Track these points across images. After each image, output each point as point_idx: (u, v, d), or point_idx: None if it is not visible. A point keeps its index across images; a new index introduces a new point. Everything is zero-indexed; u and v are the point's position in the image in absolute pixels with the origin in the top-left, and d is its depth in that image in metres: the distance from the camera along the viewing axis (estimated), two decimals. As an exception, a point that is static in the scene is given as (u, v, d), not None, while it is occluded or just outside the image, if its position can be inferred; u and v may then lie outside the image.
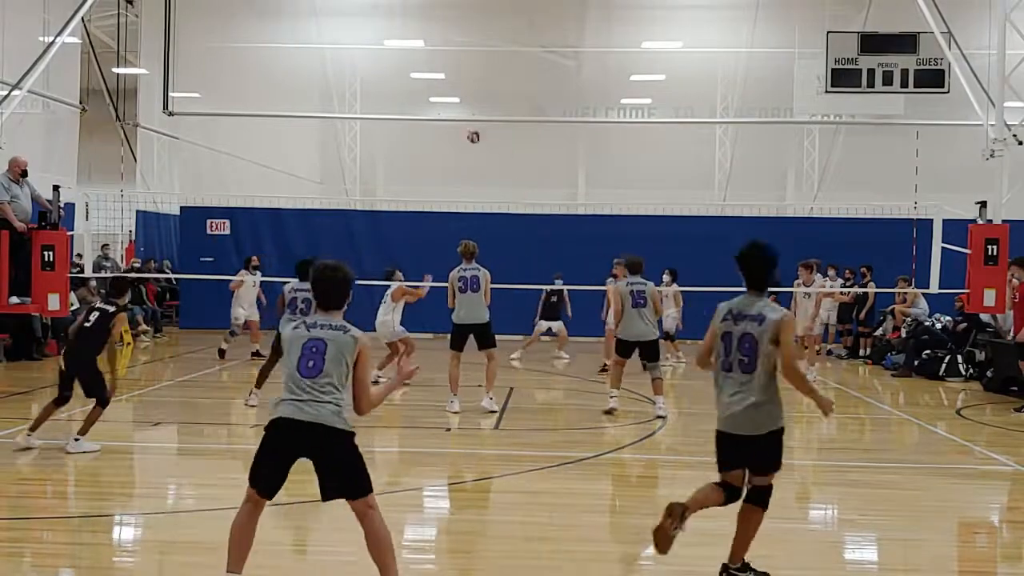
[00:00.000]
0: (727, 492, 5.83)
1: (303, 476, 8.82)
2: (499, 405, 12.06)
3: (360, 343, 5.28)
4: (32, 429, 9.24)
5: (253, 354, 17.25)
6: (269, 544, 6.56)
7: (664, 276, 17.38)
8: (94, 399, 9.21)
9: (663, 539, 5.70)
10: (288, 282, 11.90)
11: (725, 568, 5.92)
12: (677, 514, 5.71)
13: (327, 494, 5.32)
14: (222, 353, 17.25)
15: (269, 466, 5.32)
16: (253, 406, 11.84)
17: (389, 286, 14.58)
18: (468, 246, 11.91)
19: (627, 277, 12.08)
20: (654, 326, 11.82)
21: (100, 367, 9.19)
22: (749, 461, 5.75)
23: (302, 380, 5.25)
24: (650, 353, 11.77)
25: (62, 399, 9.26)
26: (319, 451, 5.26)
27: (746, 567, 5.90)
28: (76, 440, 9.13)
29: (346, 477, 5.29)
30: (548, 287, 18.21)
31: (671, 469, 9.56)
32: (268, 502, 5.38)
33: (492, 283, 11.96)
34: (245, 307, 18.00)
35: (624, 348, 11.88)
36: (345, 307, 5.42)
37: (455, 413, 11.61)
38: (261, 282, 18.06)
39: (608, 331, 15.97)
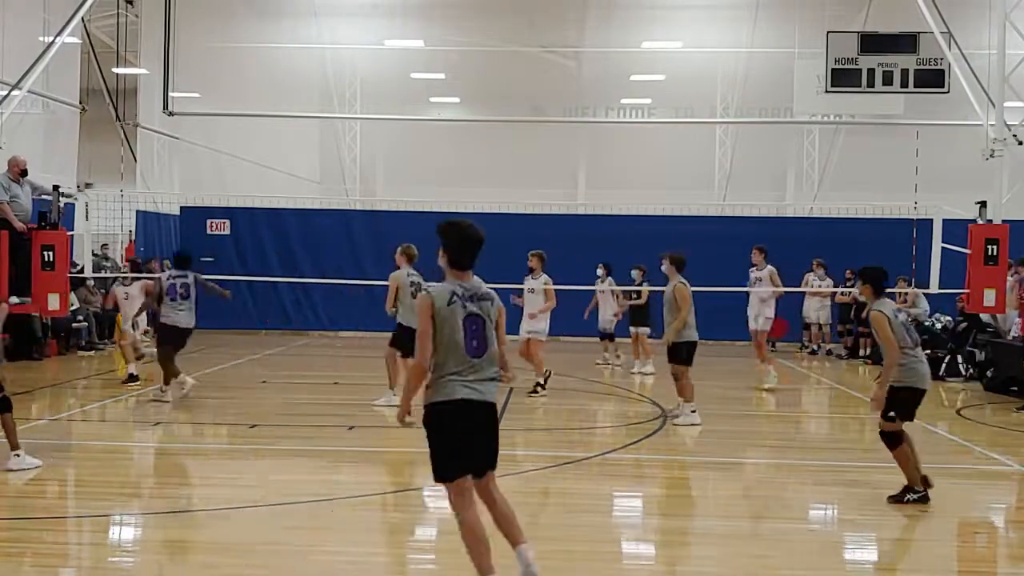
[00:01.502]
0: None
1: (306, 476, 8.84)
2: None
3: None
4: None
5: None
6: (269, 544, 6.57)
7: (598, 270, 17.19)
8: None
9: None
10: (162, 274, 12.20)
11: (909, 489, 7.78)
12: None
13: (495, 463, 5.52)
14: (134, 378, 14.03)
15: (476, 444, 5.40)
16: (167, 401, 11.99)
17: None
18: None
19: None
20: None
21: None
22: None
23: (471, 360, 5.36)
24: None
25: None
26: (493, 426, 5.47)
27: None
28: (16, 456, 8.41)
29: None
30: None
31: (670, 469, 9.56)
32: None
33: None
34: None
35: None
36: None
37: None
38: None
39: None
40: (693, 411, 11.29)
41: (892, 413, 7.81)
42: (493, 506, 5.48)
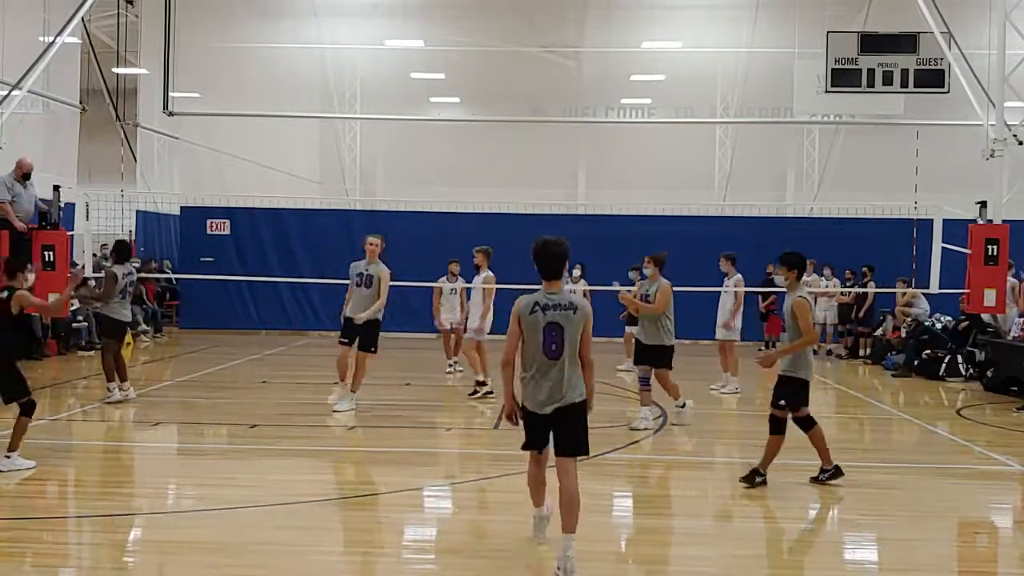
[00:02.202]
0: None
1: (305, 476, 8.84)
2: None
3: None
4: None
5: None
6: (269, 544, 6.57)
7: (574, 271, 17.11)
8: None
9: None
10: (117, 267, 12.28)
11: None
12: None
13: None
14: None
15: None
16: (119, 401, 11.96)
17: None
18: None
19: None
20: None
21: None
22: None
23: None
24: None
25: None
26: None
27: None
28: (7, 457, 8.39)
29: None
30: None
31: (670, 469, 9.56)
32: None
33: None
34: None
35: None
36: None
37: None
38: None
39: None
40: (683, 406, 11.35)
41: (783, 402, 8.22)
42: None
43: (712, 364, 14.99)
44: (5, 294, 8.57)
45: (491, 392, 12.90)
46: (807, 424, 8.37)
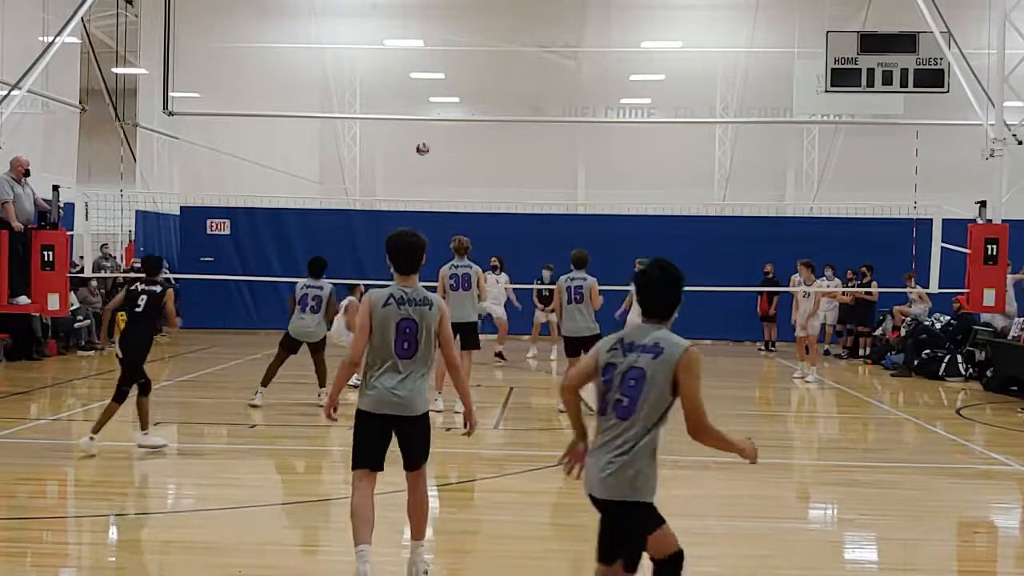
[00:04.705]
0: None
1: (306, 476, 8.85)
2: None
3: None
4: (95, 432, 9.01)
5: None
6: (269, 544, 6.57)
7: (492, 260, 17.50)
8: (138, 389, 9.16)
9: None
10: (297, 281, 12.09)
11: None
12: None
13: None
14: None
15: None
16: (257, 406, 11.87)
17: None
18: (461, 241, 11.67)
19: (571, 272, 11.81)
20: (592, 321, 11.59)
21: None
22: None
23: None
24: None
25: (122, 395, 9.10)
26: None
27: None
28: (145, 433, 9.22)
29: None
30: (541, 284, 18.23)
31: (671, 469, 9.54)
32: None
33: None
34: None
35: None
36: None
37: (437, 412, 11.58)
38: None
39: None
40: None
41: None
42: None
43: (711, 364, 15.02)
44: (159, 288, 9.12)
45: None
46: None
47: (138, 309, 9.05)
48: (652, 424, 4.34)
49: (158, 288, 9.15)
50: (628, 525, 4.38)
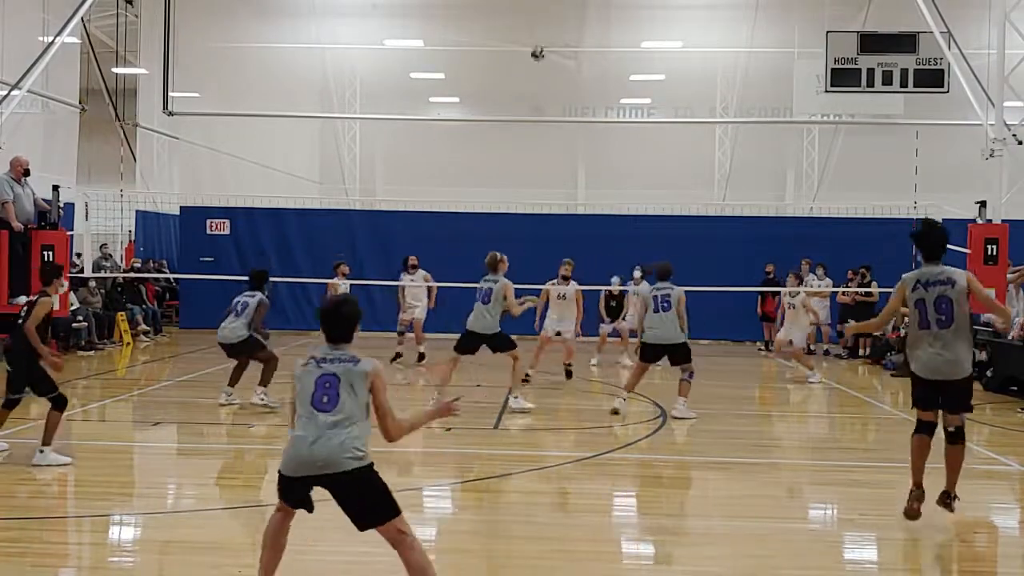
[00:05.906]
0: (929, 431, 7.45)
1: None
2: (530, 403, 12.18)
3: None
4: None
5: None
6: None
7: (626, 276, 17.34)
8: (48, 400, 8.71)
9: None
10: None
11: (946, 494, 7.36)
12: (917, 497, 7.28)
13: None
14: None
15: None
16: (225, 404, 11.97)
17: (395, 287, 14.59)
18: (493, 256, 12.29)
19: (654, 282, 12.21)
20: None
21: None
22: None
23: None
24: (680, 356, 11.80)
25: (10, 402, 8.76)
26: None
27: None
28: (41, 451, 8.57)
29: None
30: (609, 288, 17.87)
31: (671, 469, 9.56)
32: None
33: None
34: None
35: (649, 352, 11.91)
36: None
37: (524, 411, 11.87)
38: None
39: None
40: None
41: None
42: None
43: (711, 364, 15.02)
44: (35, 298, 8.78)
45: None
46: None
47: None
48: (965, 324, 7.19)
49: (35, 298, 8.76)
50: (964, 392, 7.08)
